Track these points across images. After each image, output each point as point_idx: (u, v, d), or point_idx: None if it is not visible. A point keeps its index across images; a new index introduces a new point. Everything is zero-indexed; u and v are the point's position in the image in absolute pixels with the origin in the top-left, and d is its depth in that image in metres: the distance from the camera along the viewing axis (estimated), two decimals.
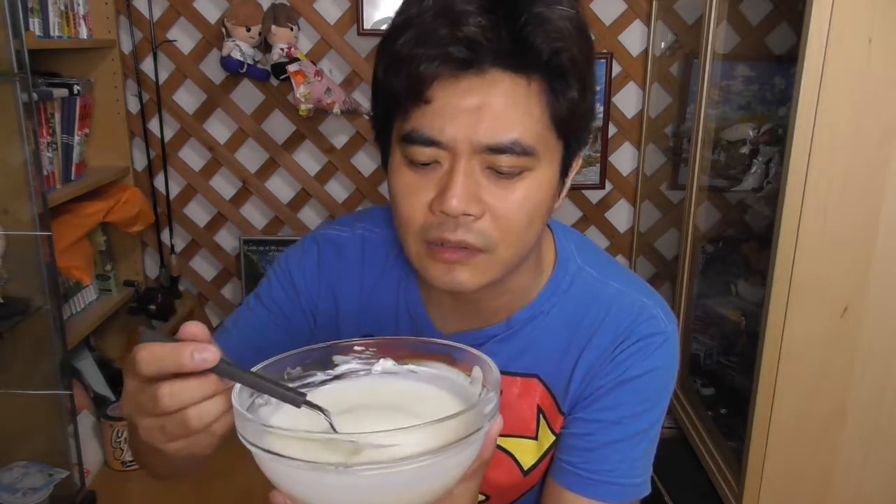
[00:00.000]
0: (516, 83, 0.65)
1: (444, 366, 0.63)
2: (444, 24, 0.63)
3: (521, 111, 0.65)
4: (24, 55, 1.68)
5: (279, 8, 2.28)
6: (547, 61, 0.65)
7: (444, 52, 0.63)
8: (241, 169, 2.54)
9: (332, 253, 0.85)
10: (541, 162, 0.67)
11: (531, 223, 0.69)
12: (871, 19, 1.45)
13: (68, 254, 2.02)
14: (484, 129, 0.64)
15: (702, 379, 2.33)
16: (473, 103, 0.64)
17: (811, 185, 1.54)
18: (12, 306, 1.77)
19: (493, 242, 0.68)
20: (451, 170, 0.66)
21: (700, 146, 2.15)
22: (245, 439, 0.52)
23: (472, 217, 0.66)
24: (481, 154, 0.65)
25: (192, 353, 0.52)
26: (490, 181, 0.66)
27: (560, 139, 0.69)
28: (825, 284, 1.60)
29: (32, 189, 1.75)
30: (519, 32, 0.64)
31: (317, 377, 0.64)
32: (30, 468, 1.90)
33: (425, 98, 0.65)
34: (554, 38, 0.64)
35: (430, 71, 0.64)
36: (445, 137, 0.65)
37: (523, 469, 0.83)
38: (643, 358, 0.77)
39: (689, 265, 2.28)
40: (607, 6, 2.43)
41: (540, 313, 0.80)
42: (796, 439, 1.71)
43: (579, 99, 0.68)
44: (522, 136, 0.65)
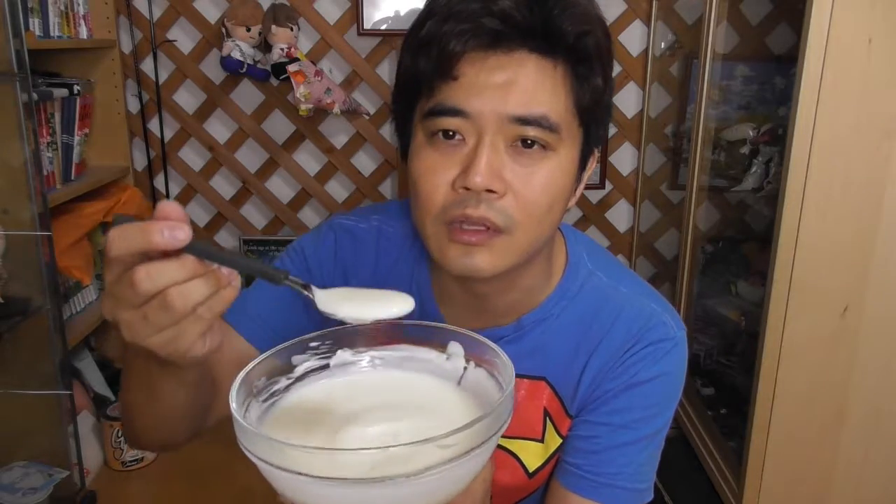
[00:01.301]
0: (543, 65, 0.66)
1: (410, 347, 0.62)
2: (477, 2, 0.64)
3: (549, 91, 0.66)
4: (24, 55, 1.68)
5: (279, 8, 2.28)
6: (573, 45, 0.66)
7: (477, 24, 0.64)
8: (241, 169, 2.54)
9: (348, 242, 0.85)
10: (564, 144, 0.68)
11: (551, 208, 0.69)
12: (871, 19, 1.45)
13: (68, 254, 2.02)
14: (512, 101, 0.65)
15: (702, 379, 2.33)
16: (502, 79, 0.65)
17: (811, 185, 1.54)
18: (12, 306, 1.77)
19: (513, 223, 0.67)
20: (476, 145, 0.66)
21: (700, 146, 2.15)
22: (247, 450, 0.50)
23: (496, 194, 0.66)
24: (508, 127, 0.65)
25: (163, 230, 0.50)
26: (514, 160, 0.67)
27: (581, 127, 0.70)
28: (825, 284, 1.60)
29: (32, 189, 1.75)
30: (548, 14, 0.65)
31: (280, 383, 0.61)
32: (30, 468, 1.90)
33: (453, 74, 0.66)
34: (580, 22, 0.66)
35: (460, 46, 0.65)
36: (472, 108, 0.65)
37: (528, 471, 0.83)
38: (652, 363, 0.77)
39: (689, 265, 2.28)
40: (607, 6, 2.41)
41: (549, 316, 0.80)
42: (796, 439, 1.71)
43: (603, 87, 0.69)
44: (550, 113, 0.66)
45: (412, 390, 0.60)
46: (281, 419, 0.58)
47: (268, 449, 0.48)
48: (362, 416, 0.57)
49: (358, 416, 0.56)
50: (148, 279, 0.50)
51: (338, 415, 0.56)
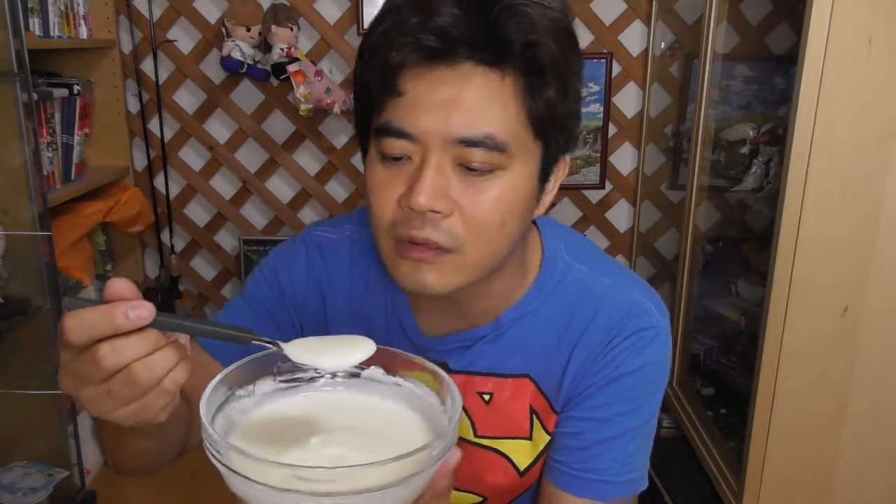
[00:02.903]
0: (489, 77, 0.63)
1: (425, 386, 0.63)
2: (416, 14, 0.62)
3: (496, 106, 0.63)
4: (24, 55, 1.68)
5: (279, 8, 2.28)
6: (521, 56, 0.63)
7: (414, 41, 0.62)
8: (241, 169, 2.54)
9: (320, 255, 0.85)
10: (515, 161, 0.66)
11: (503, 226, 0.67)
12: (871, 19, 1.45)
13: (68, 254, 2.02)
14: (456, 121, 0.63)
15: (702, 379, 2.33)
16: (446, 96, 0.63)
17: (811, 185, 1.54)
18: (12, 306, 1.77)
19: (460, 243, 0.66)
20: (420, 164, 0.64)
21: (700, 146, 2.15)
22: (208, 450, 0.52)
23: (440, 214, 0.65)
24: (453, 148, 0.64)
25: (126, 312, 0.49)
26: (461, 179, 0.65)
27: (538, 140, 0.67)
28: (825, 284, 1.60)
29: (32, 189, 1.75)
30: (492, 24, 0.62)
31: (307, 373, 0.65)
32: (30, 468, 1.90)
33: (398, 90, 0.64)
34: (528, 32, 0.63)
35: (401, 60, 0.63)
36: (416, 130, 0.64)
37: (519, 470, 0.83)
38: (634, 354, 0.76)
39: (689, 265, 2.28)
40: (607, 6, 2.43)
41: (528, 312, 0.79)
42: (796, 439, 1.71)
43: (557, 99, 0.66)
44: (496, 132, 0.63)
45: (377, 416, 0.62)
46: (250, 428, 0.60)
47: (233, 458, 0.50)
48: (324, 434, 0.60)
49: (320, 434, 0.60)
50: (113, 355, 0.50)
51: (302, 430, 0.60)
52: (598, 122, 2.51)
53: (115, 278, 0.52)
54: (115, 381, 0.51)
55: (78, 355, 0.51)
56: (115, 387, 0.51)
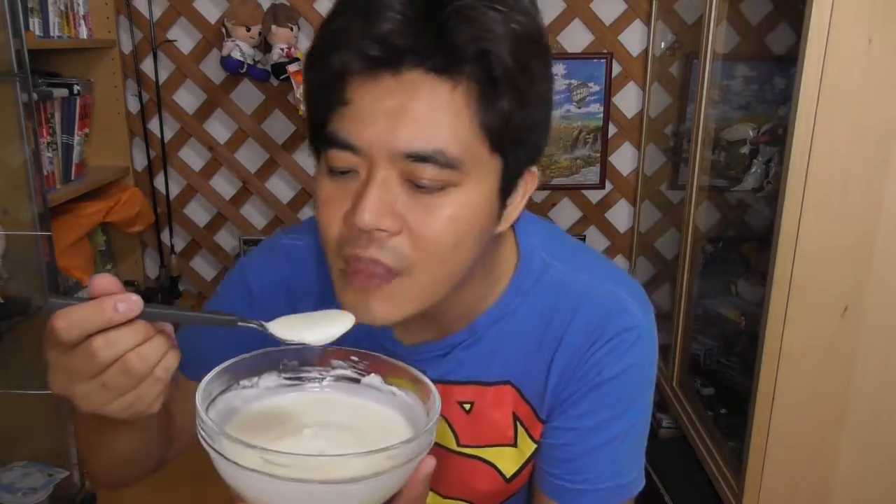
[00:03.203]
0: (438, 87, 0.58)
1: (417, 399, 0.64)
2: (359, 20, 0.58)
3: (447, 117, 0.59)
4: (24, 55, 1.68)
5: (279, 8, 2.28)
6: (472, 64, 0.58)
7: (357, 49, 0.58)
8: (241, 169, 2.54)
9: (289, 262, 0.82)
10: (469, 177, 0.61)
11: (456, 246, 0.62)
12: (871, 19, 1.45)
13: (68, 254, 2.02)
14: (402, 134, 0.58)
15: (702, 379, 2.33)
16: (391, 106, 0.58)
17: (811, 185, 1.53)
18: (12, 306, 1.77)
19: (408, 263, 0.62)
20: (366, 179, 0.60)
21: (700, 146, 2.15)
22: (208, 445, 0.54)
23: (386, 233, 0.60)
24: (400, 163, 0.59)
25: (116, 305, 0.50)
26: (410, 195, 0.60)
27: (495, 153, 0.62)
28: (825, 284, 1.60)
29: (32, 189, 1.75)
30: (440, 30, 0.57)
31: (311, 373, 0.67)
32: (30, 468, 1.90)
33: (343, 99, 0.60)
34: (479, 39, 0.58)
35: (344, 68, 0.59)
36: (361, 142, 0.60)
37: (506, 477, 0.81)
38: (617, 358, 0.73)
39: (689, 265, 2.28)
40: (607, 6, 2.43)
41: (505, 315, 0.75)
42: (796, 439, 1.71)
43: (513, 110, 0.60)
44: (447, 147, 0.59)
45: (367, 418, 0.64)
46: (249, 415, 0.63)
47: (224, 444, 0.53)
48: (316, 428, 0.62)
49: (313, 428, 0.63)
50: (107, 347, 0.51)
51: (297, 423, 0.63)
52: (598, 122, 2.51)
53: (97, 274, 0.53)
54: (110, 373, 0.52)
55: (68, 352, 0.52)
56: (111, 379, 0.52)
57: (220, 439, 0.53)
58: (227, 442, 0.53)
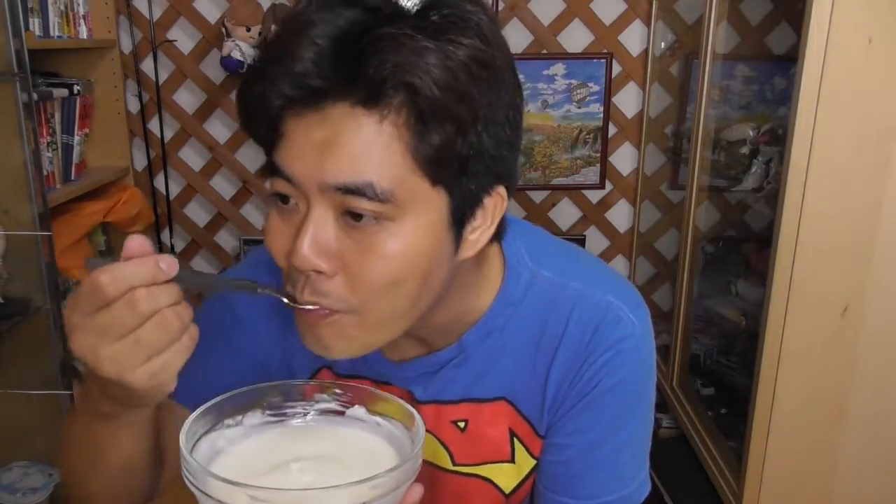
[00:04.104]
0: (365, 121, 0.56)
1: (402, 427, 0.63)
2: (281, 57, 0.57)
3: (376, 151, 0.56)
4: (24, 55, 1.68)
5: (279, 8, 2.28)
6: (397, 97, 0.55)
7: (277, 88, 0.57)
8: (241, 169, 2.54)
9: (273, 278, 0.76)
10: (405, 212, 0.58)
11: (396, 284, 0.59)
12: (871, 19, 1.45)
13: (68, 254, 2.02)
14: (330, 168, 0.56)
15: (702, 379, 2.33)
16: (319, 140, 0.56)
17: (811, 185, 1.53)
18: (12, 306, 1.77)
19: (348, 305, 0.60)
20: (304, 214, 0.59)
21: (700, 146, 2.15)
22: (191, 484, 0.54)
23: (324, 275, 0.59)
24: (332, 196, 0.57)
25: (159, 263, 0.53)
26: (346, 233, 0.58)
27: (438, 185, 0.59)
28: (825, 284, 1.60)
29: (32, 189, 1.75)
30: (360, 64, 0.55)
31: (295, 408, 0.66)
32: (30, 468, 1.90)
33: (278, 132, 0.59)
34: (401, 70, 0.54)
35: (270, 106, 0.58)
36: (294, 174, 0.58)
37: (505, 493, 0.79)
38: (613, 370, 0.71)
39: (689, 265, 2.28)
40: (607, 6, 2.43)
41: (494, 330, 0.73)
42: (796, 439, 1.71)
43: (448, 142, 0.57)
44: (377, 180, 0.56)
45: (355, 449, 0.64)
46: (235, 455, 0.62)
47: (210, 484, 0.53)
48: (303, 462, 0.61)
49: (300, 462, 0.61)
50: (149, 298, 0.52)
51: (285, 458, 0.61)
52: (598, 122, 2.51)
53: (132, 236, 0.55)
54: (146, 328, 0.53)
55: (102, 310, 0.52)
56: (146, 335, 0.53)
57: (206, 479, 0.52)
58: (213, 481, 0.52)
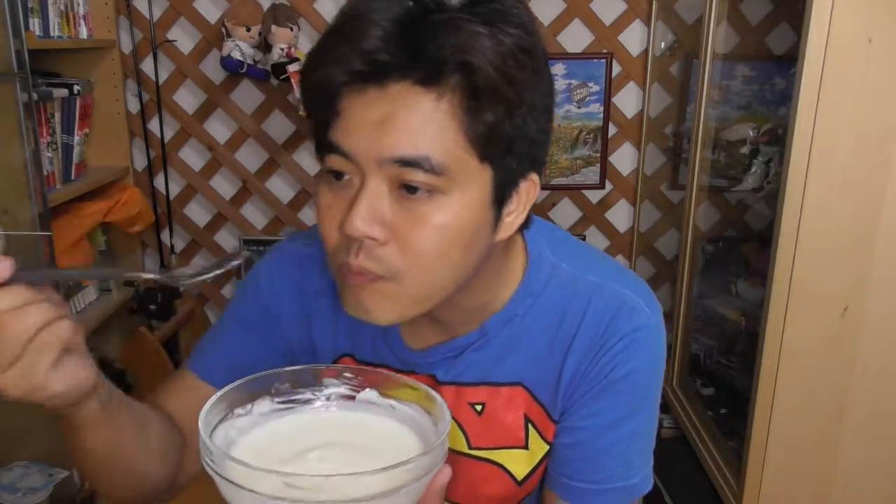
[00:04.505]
0: (423, 98, 0.60)
1: (419, 408, 0.63)
2: (347, 36, 0.61)
3: (433, 127, 0.60)
4: (24, 55, 1.68)
5: (279, 8, 2.28)
6: (455, 76, 0.60)
7: (344, 64, 0.61)
8: (241, 169, 2.54)
9: (299, 268, 0.83)
10: (456, 185, 0.62)
11: (443, 255, 0.63)
12: (871, 19, 1.45)
13: (68, 254, 2.01)
14: (389, 141, 0.60)
15: (702, 379, 2.33)
16: (378, 116, 0.61)
17: (811, 185, 1.53)
18: None
19: (396, 271, 0.63)
20: (358, 187, 0.63)
21: (700, 146, 2.15)
22: (207, 465, 0.54)
23: (376, 242, 0.62)
24: (388, 169, 0.61)
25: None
26: (400, 204, 0.62)
27: (484, 162, 0.63)
28: (825, 284, 1.60)
29: (32, 189, 1.75)
30: (422, 45, 0.59)
31: (304, 395, 0.66)
32: (30, 468, 1.89)
33: (335, 109, 0.63)
34: (461, 51, 0.59)
35: (333, 81, 0.62)
36: (351, 148, 0.62)
37: (517, 480, 0.81)
38: (627, 357, 0.74)
39: (689, 265, 2.28)
40: (607, 6, 2.43)
41: (515, 316, 0.76)
42: (796, 439, 1.71)
43: (499, 121, 0.61)
44: (433, 153, 0.60)
45: (372, 434, 0.63)
46: (248, 445, 0.62)
47: (228, 467, 0.53)
48: (333, 451, 0.61)
49: (317, 450, 0.61)
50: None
51: (300, 447, 0.61)
52: (598, 122, 2.51)
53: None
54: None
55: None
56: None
57: (231, 467, 0.52)
58: (241, 469, 0.51)
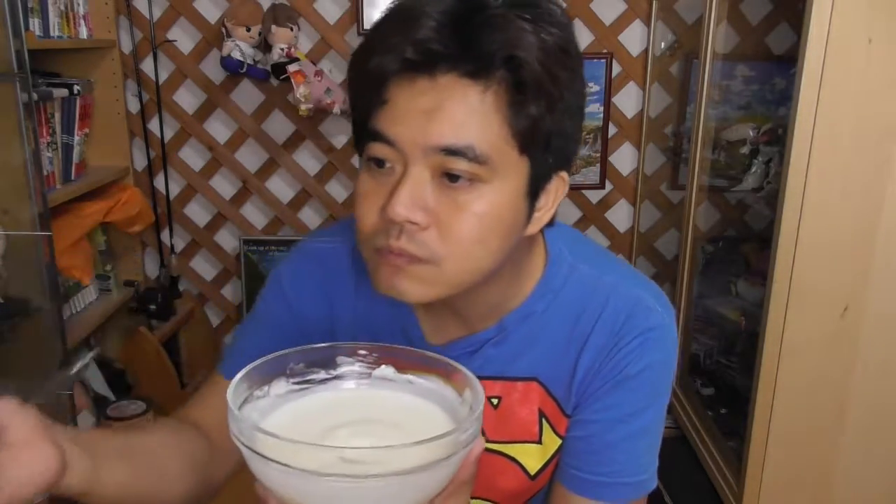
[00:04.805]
0: (470, 90, 0.63)
1: (439, 381, 0.63)
2: (400, 26, 0.63)
3: (477, 119, 0.63)
4: (24, 55, 1.68)
5: (279, 8, 2.28)
6: (502, 70, 0.63)
7: (396, 53, 0.63)
8: (241, 169, 2.54)
9: (320, 267, 0.85)
10: (497, 175, 0.65)
11: (482, 242, 0.66)
12: (871, 19, 1.45)
13: (68, 254, 2.01)
14: (435, 130, 0.63)
15: (702, 379, 2.33)
16: (426, 105, 0.63)
17: (811, 185, 1.54)
18: (12, 306, 1.76)
19: (436, 256, 0.65)
20: (401, 175, 0.65)
21: (700, 146, 2.15)
22: (237, 439, 0.53)
23: (418, 226, 0.64)
24: (433, 157, 0.63)
25: None
26: (441, 192, 0.65)
27: (523, 155, 0.66)
28: (825, 284, 1.60)
29: (32, 189, 1.75)
30: (472, 37, 0.62)
31: (319, 375, 0.66)
32: None
33: (382, 98, 0.65)
34: (509, 46, 0.62)
35: (384, 70, 0.64)
36: (397, 136, 0.64)
37: (530, 474, 0.83)
38: (641, 354, 0.76)
39: (689, 265, 2.28)
40: (607, 6, 2.43)
41: (533, 313, 0.78)
42: (796, 439, 1.71)
43: (541, 116, 0.64)
44: (478, 143, 0.63)
45: (416, 419, 0.63)
46: (272, 427, 0.60)
47: (244, 431, 0.53)
48: (363, 427, 0.61)
49: (358, 426, 0.61)
50: None
51: (327, 425, 0.60)
52: (598, 122, 2.51)
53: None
54: None
55: None
56: None
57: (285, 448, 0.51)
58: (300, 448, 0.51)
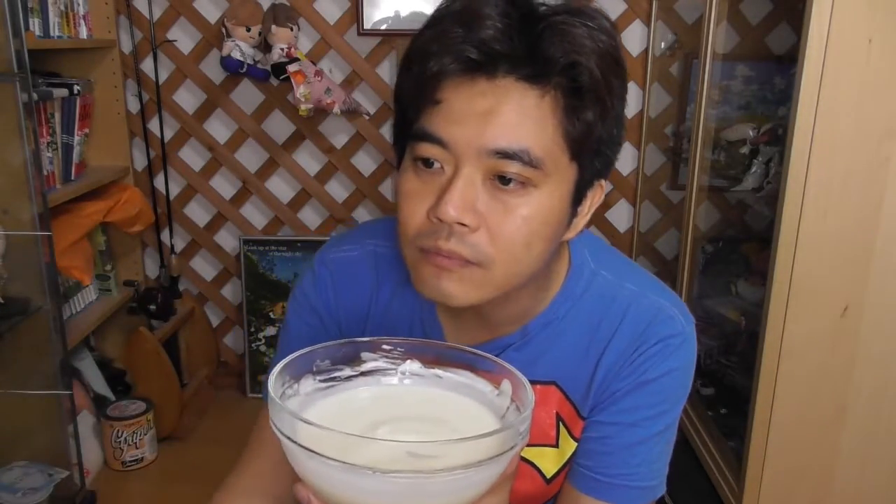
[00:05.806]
0: (528, 94, 0.63)
1: (468, 374, 0.63)
2: (460, 26, 0.63)
3: (533, 123, 0.63)
4: (24, 55, 1.68)
5: (279, 8, 2.28)
6: (561, 75, 0.63)
7: (456, 52, 0.62)
8: (241, 169, 2.54)
9: (344, 274, 0.84)
10: (548, 180, 0.65)
11: (529, 245, 0.66)
12: (871, 19, 1.45)
13: (68, 254, 2.02)
14: (491, 133, 0.62)
15: (702, 379, 2.33)
16: (483, 108, 0.63)
17: (811, 185, 1.53)
18: (12, 306, 1.77)
19: (486, 258, 0.65)
20: (452, 176, 0.64)
21: (700, 146, 2.15)
22: (279, 431, 0.52)
23: (468, 228, 0.64)
24: (486, 160, 0.63)
25: None
26: (491, 194, 0.64)
27: (573, 161, 0.67)
28: (825, 284, 1.60)
29: (32, 189, 1.75)
30: (535, 41, 0.62)
31: (344, 372, 0.65)
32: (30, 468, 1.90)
33: (436, 98, 0.64)
34: (570, 52, 0.62)
35: (441, 70, 0.63)
36: (451, 138, 0.63)
37: (546, 477, 0.83)
38: (661, 360, 0.77)
39: (689, 265, 2.28)
40: (607, 6, 2.41)
41: (555, 319, 0.79)
42: (796, 439, 1.71)
43: (595, 122, 0.65)
44: (532, 148, 0.63)
45: (458, 414, 0.62)
46: (322, 408, 0.60)
47: (287, 423, 0.51)
48: (405, 423, 0.60)
49: (400, 423, 0.59)
50: None
51: (366, 423, 0.59)
52: None
53: None
54: None
55: None
56: None
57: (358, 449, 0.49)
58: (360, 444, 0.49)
